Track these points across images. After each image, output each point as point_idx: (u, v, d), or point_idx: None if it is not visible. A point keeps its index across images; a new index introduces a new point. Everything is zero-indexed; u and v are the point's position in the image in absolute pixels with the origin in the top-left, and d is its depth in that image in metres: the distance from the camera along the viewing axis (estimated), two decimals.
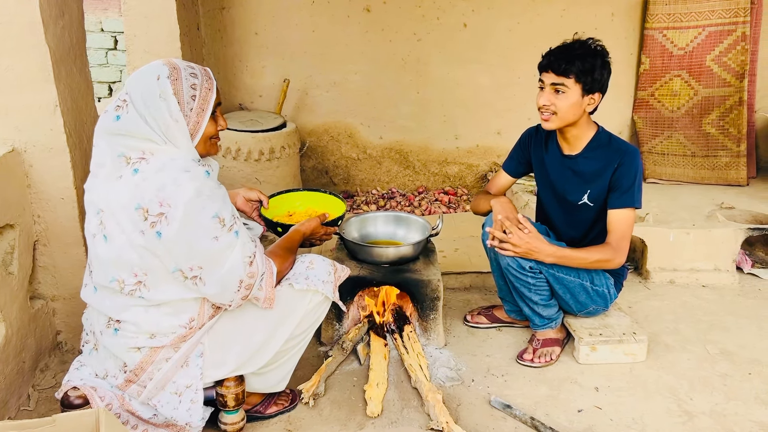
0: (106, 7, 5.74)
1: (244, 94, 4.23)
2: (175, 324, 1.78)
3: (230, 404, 1.93)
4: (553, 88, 2.28)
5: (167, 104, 1.65)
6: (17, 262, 2.20)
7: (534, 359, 2.48)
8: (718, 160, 4.10)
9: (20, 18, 2.06)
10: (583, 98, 2.28)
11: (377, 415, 2.16)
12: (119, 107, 1.68)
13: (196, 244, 1.65)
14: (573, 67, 2.23)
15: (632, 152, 2.33)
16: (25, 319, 2.24)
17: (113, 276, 1.72)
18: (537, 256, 2.28)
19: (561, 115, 2.30)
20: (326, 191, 2.51)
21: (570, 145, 2.43)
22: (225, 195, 1.73)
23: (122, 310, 1.76)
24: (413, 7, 4.11)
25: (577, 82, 2.24)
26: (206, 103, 1.72)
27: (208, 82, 1.74)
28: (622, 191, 2.31)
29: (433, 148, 4.43)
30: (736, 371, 2.45)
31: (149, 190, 1.61)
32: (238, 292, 1.76)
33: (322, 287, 1.99)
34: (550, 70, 2.27)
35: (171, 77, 1.67)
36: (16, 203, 2.20)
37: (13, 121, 2.18)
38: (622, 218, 2.32)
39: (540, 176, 2.58)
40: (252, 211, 2.29)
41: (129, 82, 1.71)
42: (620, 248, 2.32)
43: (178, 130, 1.68)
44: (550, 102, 2.29)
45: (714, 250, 3.20)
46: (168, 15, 3.33)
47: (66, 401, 1.80)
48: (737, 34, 4.00)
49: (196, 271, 1.69)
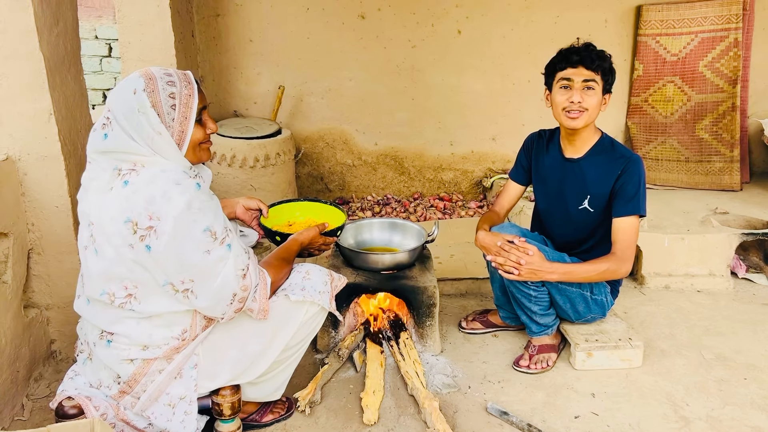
0: (100, 14, 5.73)
1: (239, 101, 4.23)
2: (167, 336, 1.77)
3: (226, 413, 1.91)
4: (584, 85, 2.24)
5: (147, 118, 1.62)
6: (11, 270, 2.19)
7: (530, 365, 2.48)
8: (711, 165, 4.12)
9: (14, 26, 2.06)
10: (603, 97, 2.29)
11: (374, 423, 2.15)
12: (105, 125, 1.66)
13: (186, 257, 1.63)
14: (603, 64, 2.23)
15: (636, 160, 2.32)
16: (19, 328, 2.23)
17: (103, 289, 1.70)
18: (542, 276, 2.26)
19: (590, 112, 2.28)
20: (327, 201, 2.50)
21: (574, 147, 2.41)
22: (217, 206, 1.70)
23: (114, 323, 1.74)
24: (408, 14, 4.12)
25: (602, 79, 2.25)
26: (188, 109, 1.68)
27: (188, 87, 1.69)
28: (627, 199, 2.29)
29: (428, 155, 4.44)
30: (731, 376, 2.45)
31: (139, 203, 1.59)
32: (231, 305, 1.74)
33: (319, 298, 1.97)
34: (581, 65, 2.23)
35: (147, 89, 1.63)
36: (10, 212, 2.19)
37: (8, 129, 2.17)
38: (628, 226, 2.30)
39: (539, 180, 2.56)
40: (251, 220, 2.28)
41: (110, 99, 1.69)
42: (626, 257, 2.30)
43: (162, 141, 1.65)
44: (582, 99, 2.25)
45: (708, 255, 3.21)
46: (162, 22, 3.33)
47: (60, 411, 1.79)
48: (730, 41, 4.03)
49: (187, 284, 1.67)
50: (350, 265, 2.64)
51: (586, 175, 2.38)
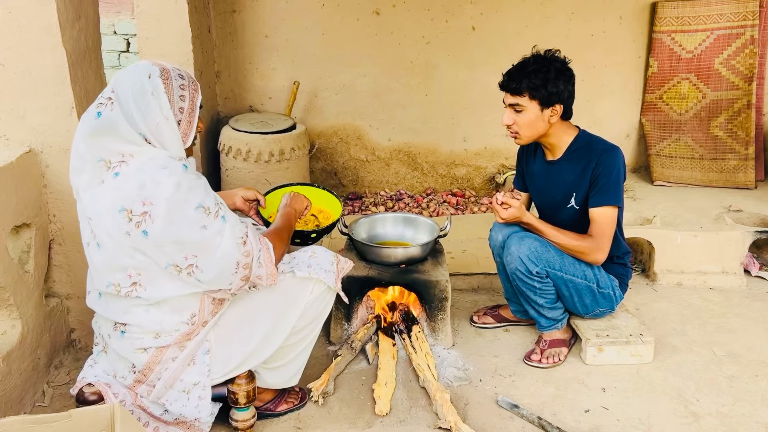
0: (119, 9, 5.80)
1: (255, 96, 4.26)
2: (177, 321, 1.80)
3: (241, 401, 1.95)
4: (511, 108, 2.32)
5: (158, 102, 1.67)
6: (33, 260, 2.24)
7: (542, 360, 2.50)
8: (726, 163, 4.10)
9: (38, 21, 2.10)
10: (543, 112, 2.30)
11: (386, 414, 2.18)
12: (102, 104, 1.67)
13: (185, 236, 1.66)
14: (522, 86, 2.26)
15: (610, 150, 2.34)
16: (40, 317, 2.28)
17: (109, 281, 1.74)
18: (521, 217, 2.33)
19: (524, 132, 2.35)
20: (322, 187, 2.54)
21: (551, 151, 2.47)
22: (206, 184, 1.74)
23: (125, 313, 1.78)
24: (422, 10, 4.13)
25: (531, 99, 2.27)
26: (195, 103, 1.76)
27: (194, 84, 1.78)
28: (600, 189, 2.33)
29: (441, 150, 4.45)
30: (742, 373, 2.46)
31: (131, 192, 1.62)
32: (236, 274, 1.76)
33: (325, 276, 2.01)
34: (506, 90, 2.32)
35: (162, 77, 1.69)
36: (32, 203, 2.24)
37: (31, 122, 2.22)
38: (601, 216, 2.34)
39: (531, 184, 2.63)
40: (250, 210, 2.31)
41: (116, 80, 1.71)
42: (600, 246, 2.34)
43: (168, 127, 1.69)
44: (512, 120, 2.34)
45: (721, 253, 3.21)
46: (180, 18, 3.37)
47: (81, 397, 1.83)
48: (746, 38, 4.00)
49: (191, 260, 1.69)
50: (363, 259, 2.67)
51: (566, 175, 2.42)
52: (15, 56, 2.13)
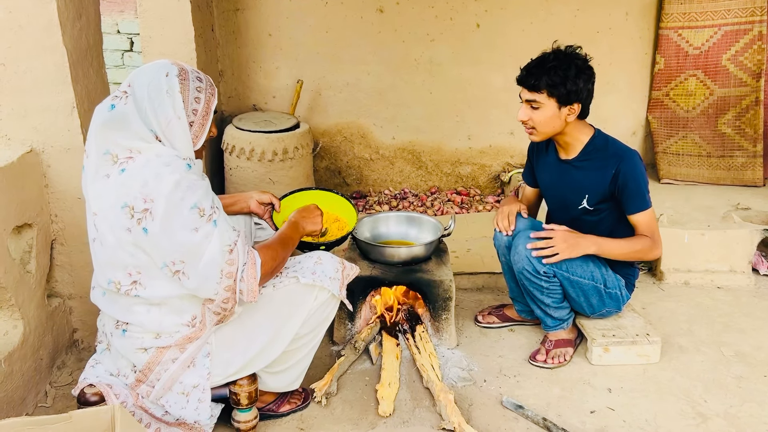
0: (122, 8, 5.80)
1: (258, 95, 4.25)
2: (177, 323, 1.79)
3: (243, 402, 1.94)
4: (528, 104, 2.29)
5: (173, 101, 1.67)
6: (35, 260, 2.24)
7: (547, 360, 2.48)
8: (733, 160, 4.06)
9: (38, 20, 2.09)
10: (561, 110, 2.26)
11: (389, 415, 2.17)
12: (117, 97, 1.68)
13: (176, 237, 1.64)
14: (542, 82, 2.21)
15: (630, 155, 2.31)
16: (42, 317, 2.27)
17: (110, 278, 1.73)
18: (581, 245, 2.28)
19: (540, 129, 2.31)
20: (339, 193, 2.49)
21: (564, 150, 2.43)
22: (207, 186, 1.72)
23: (126, 312, 1.78)
24: (426, 7, 4.11)
25: (550, 96, 2.23)
26: (209, 107, 1.76)
27: (211, 88, 1.78)
28: (632, 196, 2.30)
29: (446, 149, 4.43)
30: (751, 373, 2.43)
31: (134, 188, 1.62)
32: (219, 282, 1.71)
33: (329, 284, 1.99)
34: (523, 86, 2.29)
35: (180, 76, 1.69)
36: (34, 203, 2.23)
37: (32, 122, 2.21)
38: (644, 219, 2.33)
39: (542, 181, 2.60)
40: (264, 214, 2.29)
41: (134, 75, 1.71)
42: (656, 241, 2.34)
43: (179, 126, 1.69)
44: (527, 117, 2.30)
45: (729, 252, 3.17)
46: (183, 17, 3.36)
47: (82, 398, 1.83)
48: (753, 34, 3.96)
49: (178, 266, 1.68)
50: (367, 258, 2.65)
51: (580, 175, 2.39)
52: (16, 55, 2.12)
